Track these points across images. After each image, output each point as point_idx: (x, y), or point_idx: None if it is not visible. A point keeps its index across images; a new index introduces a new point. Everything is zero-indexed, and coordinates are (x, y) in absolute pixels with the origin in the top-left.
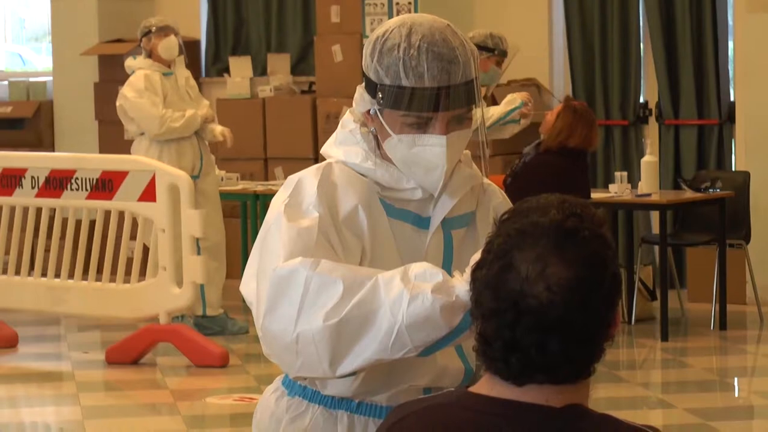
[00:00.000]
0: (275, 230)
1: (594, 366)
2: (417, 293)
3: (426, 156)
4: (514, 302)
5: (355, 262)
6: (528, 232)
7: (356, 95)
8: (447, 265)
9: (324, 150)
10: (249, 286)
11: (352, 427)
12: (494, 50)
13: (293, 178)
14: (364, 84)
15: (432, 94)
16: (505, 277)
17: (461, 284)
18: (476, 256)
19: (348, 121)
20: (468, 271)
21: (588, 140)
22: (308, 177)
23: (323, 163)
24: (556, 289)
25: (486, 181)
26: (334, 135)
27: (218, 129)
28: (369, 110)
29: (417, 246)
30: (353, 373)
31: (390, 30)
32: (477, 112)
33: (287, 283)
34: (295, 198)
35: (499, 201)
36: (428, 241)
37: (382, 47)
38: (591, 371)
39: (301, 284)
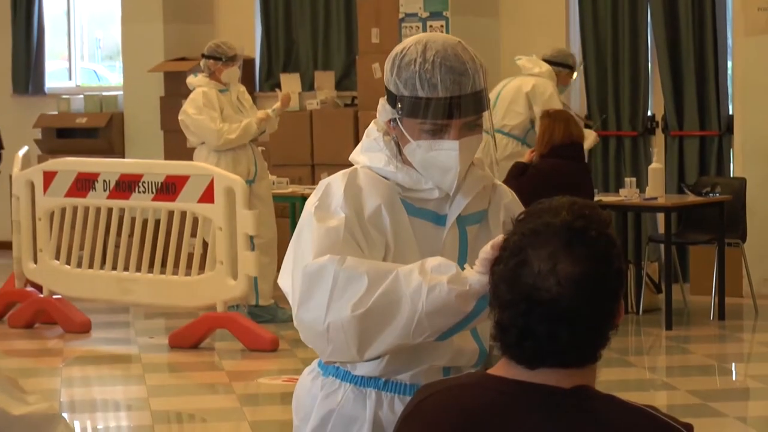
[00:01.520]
0: (307, 230)
1: (600, 352)
2: (434, 284)
3: (441, 159)
4: (527, 295)
5: (380, 256)
6: (540, 231)
7: (379, 106)
8: (462, 258)
9: (352, 157)
10: (285, 279)
11: (379, 402)
12: (572, 67)
13: (323, 183)
14: (386, 96)
15: (445, 104)
16: (520, 272)
17: (473, 275)
18: (486, 249)
19: (372, 131)
20: (478, 263)
21: (568, 133)
22: (336, 181)
23: (350, 168)
24: (565, 283)
25: (496, 182)
26: (360, 144)
27: (273, 114)
28: (390, 119)
29: (435, 241)
30: (379, 357)
31: (407, 47)
32: (486, 117)
33: (317, 277)
34: (324, 200)
35: (509, 200)
36: (445, 236)
37: (400, 62)
38: (597, 357)
39: (330, 278)
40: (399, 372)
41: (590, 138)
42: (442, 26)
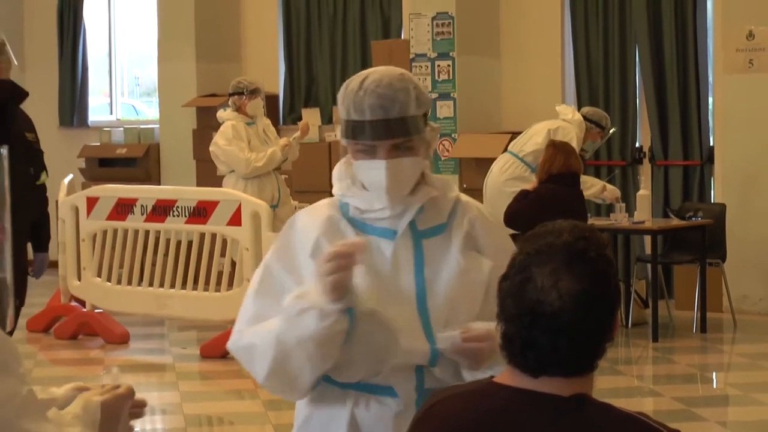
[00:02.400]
0: None
1: (597, 362)
2: (311, 332)
3: (373, 177)
4: (531, 308)
5: None
6: (544, 251)
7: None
8: (418, 269)
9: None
10: None
11: (356, 402)
12: (604, 128)
13: None
14: None
15: (369, 126)
16: (525, 288)
17: (326, 303)
18: (320, 270)
19: (341, 161)
20: (320, 288)
21: (567, 164)
22: (278, 234)
23: (295, 214)
24: (566, 299)
25: (463, 197)
26: None
27: (294, 142)
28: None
29: (386, 253)
30: (314, 385)
31: (354, 78)
32: (421, 141)
33: (236, 355)
34: (266, 258)
35: (475, 214)
36: (393, 249)
37: (344, 91)
38: (595, 366)
39: (238, 355)
40: (370, 376)
41: (596, 187)
42: (449, 65)
